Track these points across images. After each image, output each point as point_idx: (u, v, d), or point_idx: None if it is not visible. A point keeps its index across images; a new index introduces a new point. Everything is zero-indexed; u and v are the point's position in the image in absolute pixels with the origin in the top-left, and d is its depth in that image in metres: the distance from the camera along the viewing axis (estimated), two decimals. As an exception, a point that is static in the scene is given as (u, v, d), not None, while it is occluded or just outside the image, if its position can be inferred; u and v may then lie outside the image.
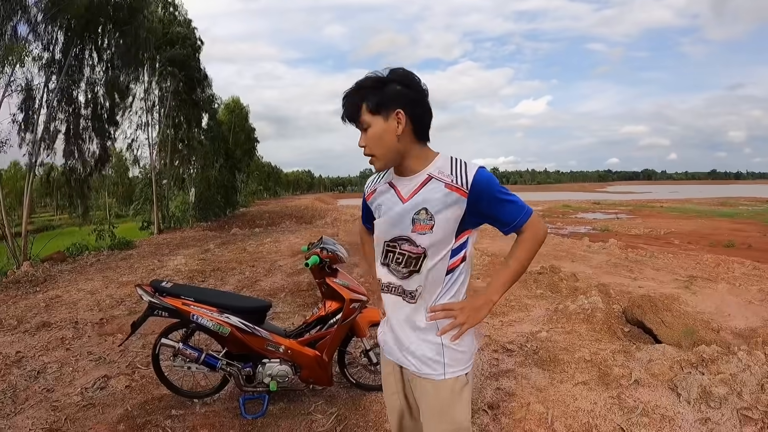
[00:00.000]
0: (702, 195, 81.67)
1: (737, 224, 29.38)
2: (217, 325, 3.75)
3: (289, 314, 6.79)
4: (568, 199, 68.10)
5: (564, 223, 31.10)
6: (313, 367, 3.90)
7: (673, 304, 5.99)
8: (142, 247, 16.65)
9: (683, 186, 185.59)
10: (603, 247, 15.04)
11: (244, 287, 8.74)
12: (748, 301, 7.79)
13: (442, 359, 1.95)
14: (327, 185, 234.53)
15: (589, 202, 57.81)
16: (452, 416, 1.98)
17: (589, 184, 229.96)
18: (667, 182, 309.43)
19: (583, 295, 6.87)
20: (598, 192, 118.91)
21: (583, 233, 22.41)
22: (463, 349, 1.96)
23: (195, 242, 17.11)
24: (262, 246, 14.52)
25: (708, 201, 60.40)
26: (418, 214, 1.87)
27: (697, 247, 18.56)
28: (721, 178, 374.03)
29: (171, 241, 18.34)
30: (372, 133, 1.84)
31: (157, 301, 3.80)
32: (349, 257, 4.11)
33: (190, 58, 26.01)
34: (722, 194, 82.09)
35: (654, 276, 10.01)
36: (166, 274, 10.18)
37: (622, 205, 52.71)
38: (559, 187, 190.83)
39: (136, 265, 12.10)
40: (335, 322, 3.90)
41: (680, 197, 73.78)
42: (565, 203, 55.79)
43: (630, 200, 65.14)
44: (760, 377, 4.03)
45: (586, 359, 4.78)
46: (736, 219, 33.55)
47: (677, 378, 4.19)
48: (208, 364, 3.91)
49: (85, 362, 5.31)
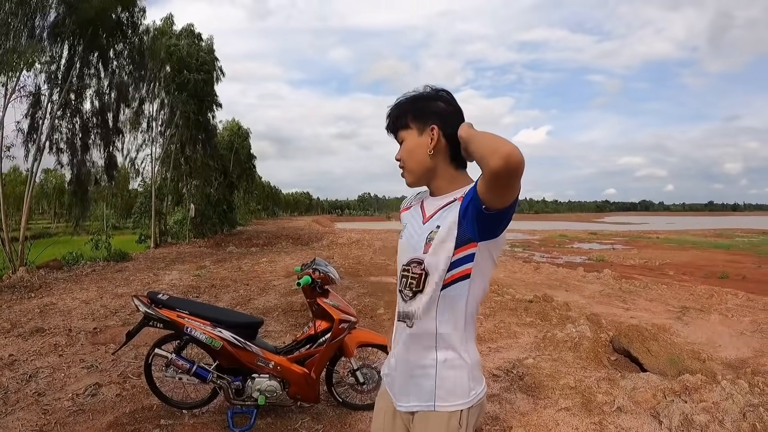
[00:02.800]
0: (698, 226, 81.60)
1: (732, 256, 29.42)
2: (209, 338, 3.83)
3: (281, 333, 6.85)
4: (565, 229, 68.09)
5: (560, 252, 31.10)
6: (302, 384, 3.97)
7: (660, 334, 6.08)
8: (138, 260, 16.73)
9: (680, 217, 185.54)
10: (597, 277, 15.09)
11: (237, 305, 8.81)
12: (740, 332, 7.87)
13: (432, 390, 1.76)
14: (325, 207, 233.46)
15: (585, 232, 57.77)
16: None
17: (586, 214, 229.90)
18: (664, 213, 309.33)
19: (571, 324, 6.94)
20: (596, 222, 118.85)
21: (579, 263, 22.42)
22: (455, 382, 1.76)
23: (191, 258, 17.17)
24: (258, 265, 14.59)
25: (704, 232, 60.42)
26: (431, 233, 1.74)
27: (691, 278, 18.60)
28: (718, 210, 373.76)
29: (167, 255, 18.42)
30: (406, 146, 1.81)
31: (153, 312, 3.89)
32: (340, 279, 4.21)
33: (207, 84, 26.39)
34: (719, 225, 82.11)
35: (647, 306, 10.07)
36: (161, 288, 10.23)
37: (619, 235, 52.66)
38: (556, 217, 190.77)
39: (132, 277, 12.18)
40: (324, 341, 3.99)
41: (677, 228, 73.78)
42: (562, 233, 55.76)
43: (626, 231, 65.11)
44: (743, 405, 4.11)
45: (570, 386, 4.85)
46: (731, 250, 33.58)
47: (660, 406, 4.27)
48: (199, 375, 3.99)
49: (77, 369, 5.39)
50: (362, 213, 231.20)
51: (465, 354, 1.77)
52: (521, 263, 20.37)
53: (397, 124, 1.83)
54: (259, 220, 76.88)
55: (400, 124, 1.82)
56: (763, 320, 9.04)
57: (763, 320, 9.04)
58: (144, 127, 23.32)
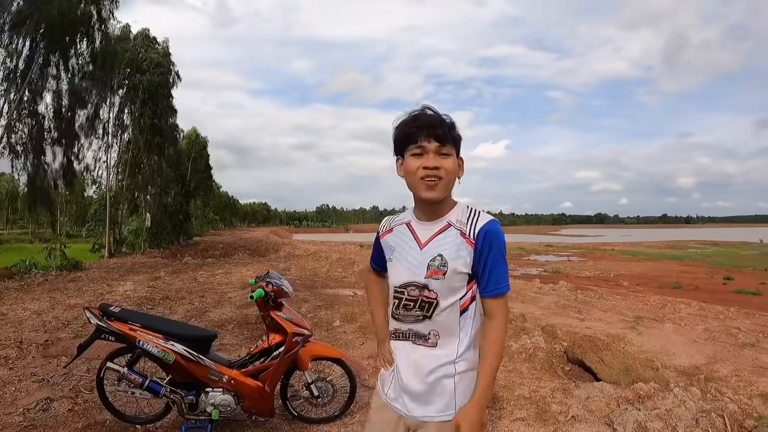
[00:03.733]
0: (652, 238, 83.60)
1: (685, 266, 30.23)
2: (162, 351, 3.77)
3: (236, 346, 6.77)
4: (522, 242, 68.94)
5: (517, 264, 31.47)
6: (256, 398, 3.93)
7: (614, 344, 6.17)
8: (92, 270, 16.40)
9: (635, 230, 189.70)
10: (553, 288, 15.27)
11: (192, 317, 8.67)
12: (693, 340, 8.05)
13: (452, 400, 1.94)
14: (283, 219, 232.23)
15: (542, 245, 58.70)
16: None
17: (543, 227, 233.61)
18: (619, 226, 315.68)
19: (526, 335, 7.00)
20: (552, 235, 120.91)
21: (535, 275, 22.72)
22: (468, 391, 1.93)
23: (146, 269, 16.86)
24: (213, 277, 14.39)
25: (658, 244, 61.95)
26: (433, 260, 1.92)
27: (645, 288, 19.02)
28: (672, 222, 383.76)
29: (122, 265, 18.07)
30: (450, 163, 1.90)
31: (105, 325, 3.80)
32: (293, 292, 4.19)
33: (162, 87, 26.03)
34: (672, 237, 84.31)
35: (602, 317, 10.21)
36: (115, 300, 10.02)
37: (575, 247, 53.69)
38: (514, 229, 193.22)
39: (85, 288, 11.91)
40: (278, 355, 3.95)
41: (631, 240, 75.48)
42: (519, 245, 56.47)
43: (582, 243, 66.39)
44: (695, 412, 4.21)
45: (525, 396, 4.89)
46: (684, 261, 34.51)
47: (614, 414, 4.34)
48: (152, 390, 3.90)
49: (29, 383, 5.23)
50: (320, 225, 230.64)
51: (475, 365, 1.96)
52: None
53: (448, 137, 1.89)
54: (216, 230, 76.18)
55: (449, 140, 1.90)
56: (716, 328, 9.27)
57: (716, 328, 9.27)
58: (99, 132, 22.75)
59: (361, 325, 7.95)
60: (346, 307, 9.22)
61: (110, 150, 23.24)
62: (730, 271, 25.91)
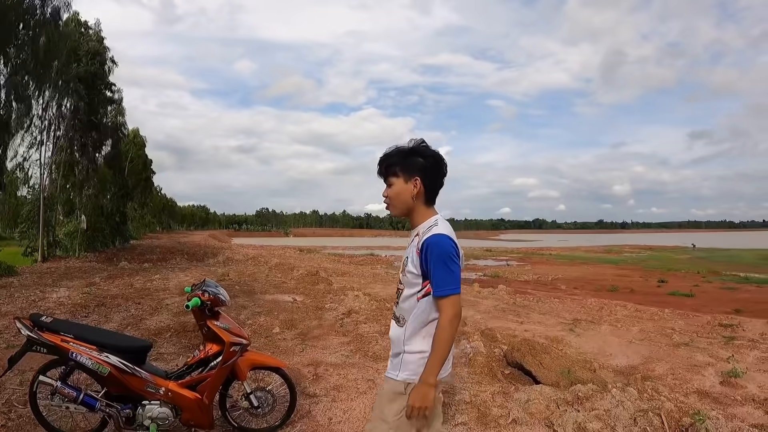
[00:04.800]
0: (589, 243, 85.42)
1: (621, 270, 31.03)
2: (96, 363, 3.66)
3: (174, 355, 6.62)
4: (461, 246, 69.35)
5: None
6: (194, 410, 3.86)
7: (553, 346, 6.30)
8: (25, 275, 15.85)
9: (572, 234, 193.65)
10: (492, 292, 15.51)
11: (128, 325, 8.44)
12: (629, 341, 8.31)
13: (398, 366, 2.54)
14: (222, 222, 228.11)
15: (481, 249, 59.21)
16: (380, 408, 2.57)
17: (483, 232, 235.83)
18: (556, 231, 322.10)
19: (466, 340, 7.08)
20: (491, 240, 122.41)
21: (474, 279, 22.94)
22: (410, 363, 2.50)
23: (81, 274, 16.41)
24: (150, 282, 14.06)
25: (595, 249, 63.38)
26: (404, 261, 2.53)
27: (582, 291, 19.45)
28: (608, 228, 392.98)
29: (56, 270, 17.55)
30: (394, 189, 2.53)
31: (36, 336, 3.68)
32: (230, 300, 4.13)
33: (97, 77, 25.14)
34: (608, 242, 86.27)
35: (540, 320, 10.42)
36: (48, 307, 9.70)
37: (513, 252, 54.37)
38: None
39: (17, 294, 11.47)
40: (216, 365, 3.90)
41: (569, 245, 76.89)
42: (459, 249, 56.90)
43: (521, 248, 67.28)
44: (633, 412, 4.35)
45: (466, 401, 4.94)
46: (620, 265, 35.41)
47: (554, 416, 4.43)
48: (86, 404, 3.78)
49: (-44, 398, 5.00)
50: (260, 228, 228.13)
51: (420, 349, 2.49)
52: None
53: (389, 171, 2.53)
54: (154, 233, 74.45)
55: (391, 172, 2.53)
56: (651, 329, 9.59)
57: (651, 329, 9.59)
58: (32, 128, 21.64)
59: (300, 332, 7.93)
60: (285, 313, 9.21)
61: (43, 147, 22.26)
62: (664, 275, 26.67)
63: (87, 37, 25.34)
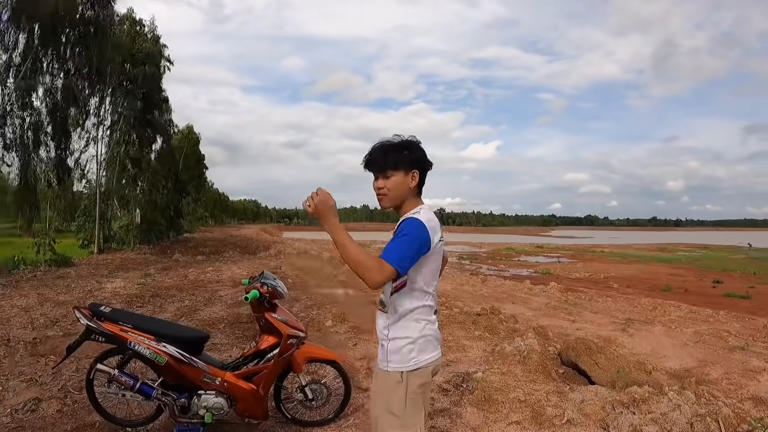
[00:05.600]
0: (642, 241, 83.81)
1: (675, 269, 30.33)
2: (154, 353, 3.71)
3: (228, 346, 6.70)
4: (512, 242, 69.03)
5: (507, 265, 31.52)
6: (249, 401, 3.88)
7: (608, 347, 6.16)
8: (81, 266, 16.27)
9: (624, 232, 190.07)
10: (544, 290, 15.33)
11: (183, 316, 8.60)
12: (683, 343, 8.08)
13: (385, 356, 2.57)
14: (273, 216, 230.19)
15: (532, 246, 58.72)
16: (384, 402, 2.58)
17: (533, 228, 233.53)
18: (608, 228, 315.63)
19: (519, 337, 6.97)
20: (542, 236, 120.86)
21: (525, 276, 22.75)
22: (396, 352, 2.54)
23: (135, 265, 16.75)
24: (204, 274, 14.31)
25: (648, 247, 62.12)
26: None
27: (635, 291, 19.07)
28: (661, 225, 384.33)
29: (111, 262, 17.97)
30: (393, 181, 2.54)
31: (95, 326, 3.74)
32: (288, 293, 4.14)
33: (154, 78, 25.64)
34: (662, 240, 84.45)
35: (592, 319, 10.24)
36: (104, 297, 9.95)
37: (564, 249, 53.77)
38: (503, 230, 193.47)
39: (74, 284, 11.79)
40: (272, 357, 3.91)
41: (621, 243, 75.68)
42: (509, 246, 56.54)
43: (572, 245, 66.53)
44: (690, 416, 4.20)
45: (520, 399, 4.86)
46: (674, 264, 34.63)
47: (609, 417, 4.32)
48: (143, 392, 3.84)
49: (16, 382, 5.15)
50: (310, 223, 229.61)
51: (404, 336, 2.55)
52: (468, 276, 20.54)
53: (387, 164, 2.54)
54: (206, 227, 75.71)
55: (392, 165, 2.53)
56: (705, 331, 9.31)
57: (705, 331, 9.31)
58: (89, 125, 22.38)
59: (353, 325, 7.92)
60: (338, 306, 9.20)
61: (100, 144, 22.90)
62: (719, 275, 25.99)
63: (142, 36, 25.90)
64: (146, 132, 26.09)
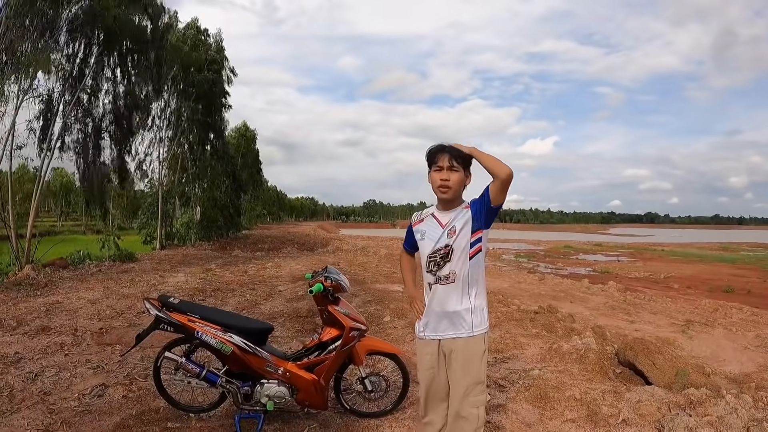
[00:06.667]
0: (704, 239, 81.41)
1: (738, 269, 29.37)
2: (220, 343, 3.86)
3: (287, 339, 6.85)
4: (570, 240, 67.83)
5: (564, 264, 31.10)
6: (310, 391, 3.99)
7: (666, 348, 6.07)
8: (144, 261, 16.79)
9: (686, 230, 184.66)
10: (602, 289, 15.12)
11: (243, 309, 8.80)
12: (744, 347, 7.90)
13: (470, 320, 3.03)
14: (330, 213, 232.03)
15: (590, 244, 57.73)
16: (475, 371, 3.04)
17: (591, 226, 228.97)
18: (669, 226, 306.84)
19: (577, 336, 6.93)
20: (601, 234, 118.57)
21: (583, 274, 22.44)
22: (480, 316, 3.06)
23: (197, 261, 17.22)
24: (264, 270, 14.59)
25: (710, 246, 60.22)
26: (451, 229, 3.01)
27: (696, 291, 18.62)
28: (724, 223, 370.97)
29: (173, 257, 18.48)
30: (459, 176, 2.98)
31: (164, 316, 3.92)
32: (350, 288, 4.24)
33: (215, 83, 26.34)
34: (724, 239, 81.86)
35: (651, 319, 10.09)
36: (167, 290, 10.24)
37: (624, 247, 52.65)
38: (561, 228, 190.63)
39: (137, 278, 12.21)
40: (334, 349, 4.01)
41: (682, 241, 73.69)
42: (567, 244, 55.58)
43: (632, 243, 65.06)
44: (747, 420, 4.12)
45: (576, 398, 4.85)
46: (736, 264, 33.51)
47: (664, 419, 4.27)
48: (208, 380, 4.00)
49: (84, 369, 5.41)
50: (367, 220, 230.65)
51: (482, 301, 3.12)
52: (526, 274, 20.40)
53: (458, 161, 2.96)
54: (264, 224, 76.76)
55: (460, 162, 2.97)
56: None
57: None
58: (152, 129, 23.19)
59: (411, 321, 7.95)
60: (396, 302, 9.25)
61: (161, 145, 23.63)
62: (784, 276, 25.10)
63: (206, 45, 26.67)
64: (207, 134, 26.75)
